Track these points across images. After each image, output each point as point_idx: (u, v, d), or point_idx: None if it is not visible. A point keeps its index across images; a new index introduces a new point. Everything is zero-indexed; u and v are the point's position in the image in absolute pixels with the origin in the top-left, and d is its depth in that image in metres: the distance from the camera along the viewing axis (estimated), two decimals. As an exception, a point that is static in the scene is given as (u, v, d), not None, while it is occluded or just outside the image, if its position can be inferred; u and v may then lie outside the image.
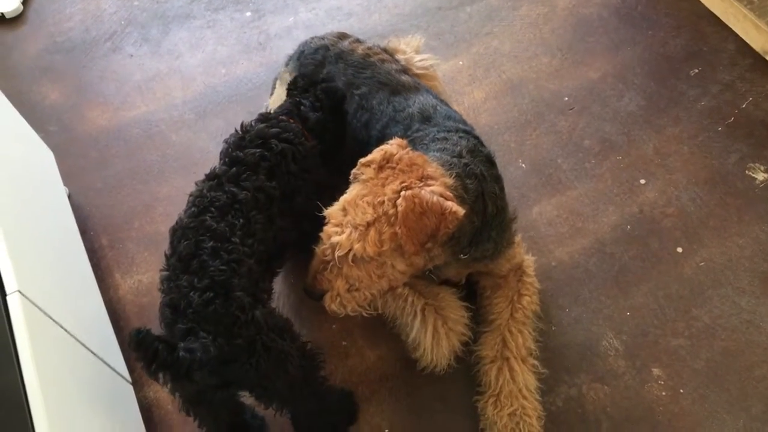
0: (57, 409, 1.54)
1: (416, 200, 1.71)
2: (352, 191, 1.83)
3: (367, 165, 1.84)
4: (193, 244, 1.73)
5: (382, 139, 2.25)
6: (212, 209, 1.81)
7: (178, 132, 2.96)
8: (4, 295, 1.62)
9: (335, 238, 1.77)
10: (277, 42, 3.27)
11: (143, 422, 2.13)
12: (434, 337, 2.14)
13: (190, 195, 1.91)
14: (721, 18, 3.23)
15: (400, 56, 2.61)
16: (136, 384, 2.26)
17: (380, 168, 1.81)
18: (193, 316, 1.61)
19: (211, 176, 1.94)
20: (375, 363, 2.32)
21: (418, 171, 1.79)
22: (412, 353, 2.21)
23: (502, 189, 2.09)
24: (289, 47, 2.76)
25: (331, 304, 1.90)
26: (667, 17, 3.28)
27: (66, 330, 1.82)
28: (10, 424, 1.45)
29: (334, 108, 2.27)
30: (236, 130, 2.07)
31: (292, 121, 2.14)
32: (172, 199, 2.72)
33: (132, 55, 3.25)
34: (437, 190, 1.75)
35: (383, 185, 1.78)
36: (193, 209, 1.83)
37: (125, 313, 2.46)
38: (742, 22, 3.13)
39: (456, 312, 2.22)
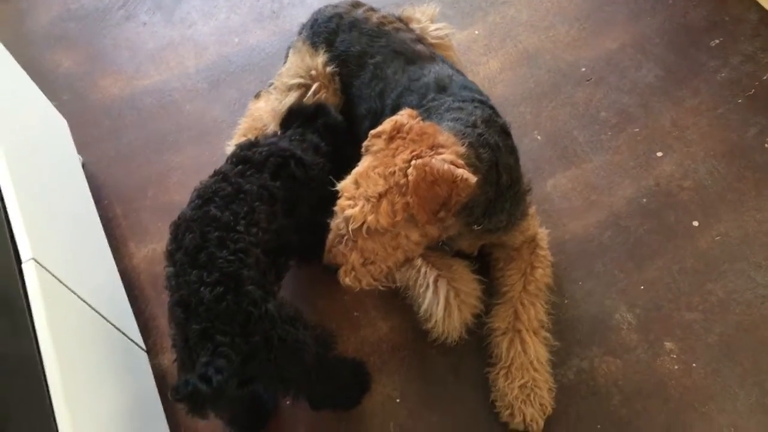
0: (72, 376, 1.56)
1: (427, 169, 1.69)
2: (364, 163, 1.81)
3: (378, 136, 1.82)
4: (198, 236, 1.72)
5: (396, 108, 2.23)
6: (216, 199, 1.81)
7: (192, 101, 2.95)
8: (20, 262, 1.63)
9: (348, 212, 1.76)
10: (290, 10, 3.23)
11: (157, 389, 2.16)
12: (446, 309, 2.14)
13: (194, 190, 1.90)
14: (744, -13, 3.16)
15: (414, 25, 2.57)
16: (151, 352, 2.29)
17: (390, 138, 1.79)
18: (206, 314, 1.60)
19: (217, 173, 1.94)
20: (387, 334, 2.32)
21: (428, 140, 1.77)
22: (424, 324, 2.21)
23: (516, 160, 2.07)
24: (303, 15, 2.74)
25: (346, 278, 1.88)
26: (688, -14, 3.21)
27: (81, 298, 1.83)
28: (27, 391, 1.47)
29: (336, 140, 2.29)
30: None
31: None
32: (185, 168, 2.72)
33: (145, 23, 3.23)
34: (448, 158, 1.73)
35: (393, 155, 1.76)
36: (197, 201, 1.83)
37: (139, 282, 2.48)
38: (765, -8, 3.06)
39: (469, 284, 2.22)
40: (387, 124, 1.82)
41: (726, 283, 2.36)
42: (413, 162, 1.71)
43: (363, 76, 2.36)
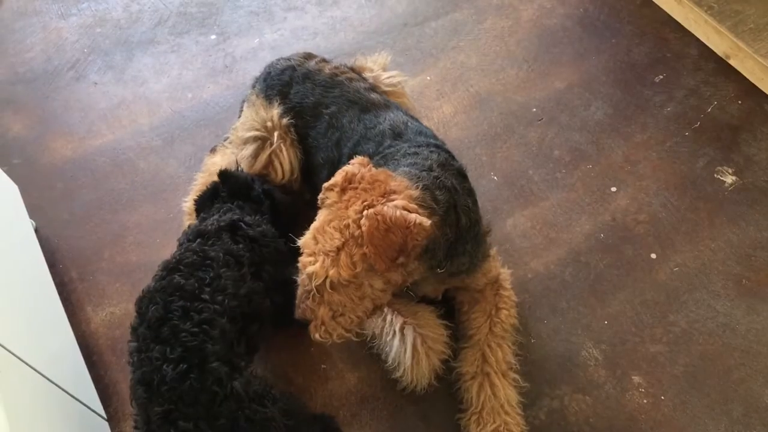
0: (28, 454, 1.50)
1: (379, 218, 1.68)
2: (320, 217, 1.81)
3: (331, 189, 1.82)
4: (161, 307, 1.68)
5: (352, 158, 2.24)
6: (181, 267, 1.77)
7: (146, 159, 2.91)
8: (-31, 337, 1.57)
9: (310, 268, 1.74)
10: (243, 64, 3.24)
11: (120, 459, 2.09)
12: (414, 356, 2.12)
13: (158, 266, 1.87)
14: (682, 24, 3.28)
15: (367, 74, 2.60)
16: (112, 419, 2.21)
17: (343, 190, 1.79)
18: (169, 394, 1.55)
19: (180, 245, 1.92)
20: (355, 385, 2.29)
21: (380, 187, 1.77)
22: (393, 373, 2.18)
23: (475, 202, 2.08)
24: (256, 69, 2.74)
25: (316, 334, 1.86)
26: (629, 25, 3.32)
27: (36, 369, 1.77)
28: (-21, 471, 1.40)
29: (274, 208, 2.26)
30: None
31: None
32: (141, 227, 2.67)
33: (96, 83, 3.20)
34: (400, 203, 1.73)
35: (347, 207, 1.75)
36: (161, 273, 1.80)
37: (98, 347, 2.40)
38: (703, 27, 3.18)
39: (435, 330, 2.21)
40: (338, 176, 1.82)
41: (687, 313, 2.39)
42: (365, 212, 1.71)
43: (319, 126, 2.37)
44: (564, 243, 2.59)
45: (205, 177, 2.61)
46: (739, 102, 2.99)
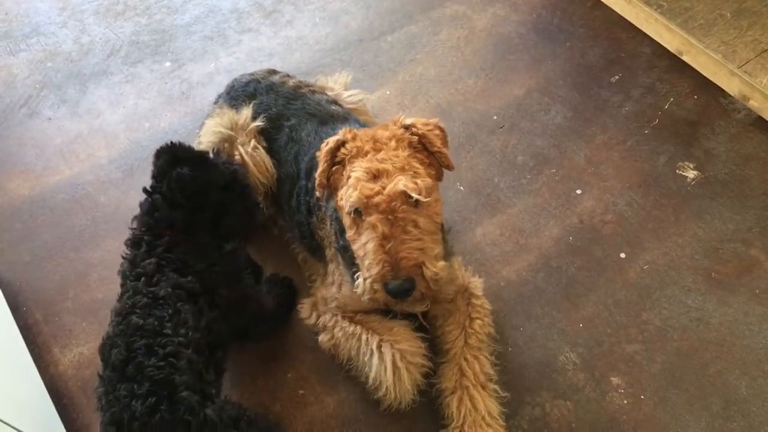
0: None
1: (420, 122, 1.87)
2: (360, 165, 1.80)
3: (342, 144, 1.90)
4: (124, 348, 1.63)
5: (310, 171, 2.23)
6: (137, 310, 1.72)
7: (106, 192, 2.86)
8: (-72, 394, 1.51)
9: (400, 184, 1.73)
10: (200, 90, 3.21)
11: (97, 504, 2.02)
12: (395, 372, 2.09)
13: (111, 310, 1.80)
14: (634, 23, 3.33)
15: (329, 93, 2.60)
16: (87, 464, 2.15)
17: (354, 138, 1.89)
18: (141, 429, 1.51)
19: (125, 290, 1.83)
20: (335, 409, 2.25)
21: (379, 126, 1.95)
22: (374, 393, 2.15)
23: None
24: (213, 94, 2.71)
25: (423, 286, 1.78)
26: (583, 28, 3.35)
27: (2, 421, 1.71)
28: None
29: (200, 194, 1.93)
30: (127, 239, 1.96)
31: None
32: (106, 263, 2.61)
33: (50, 119, 3.13)
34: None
35: (376, 142, 1.85)
36: (117, 319, 1.74)
37: (68, 390, 2.34)
38: (654, 26, 3.22)
39: (412, 343, 2.18)
40: (338, 137, 1.92)
41: (660, 310, 2.40)
42: (405, 122, 1.88)
43: (280, 139, 2.37)
44: (534, 248, 2.60)
45: None
46: (695, 97, 3.03)
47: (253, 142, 2.36)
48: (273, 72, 2.59)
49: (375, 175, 1.77)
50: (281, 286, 2.41)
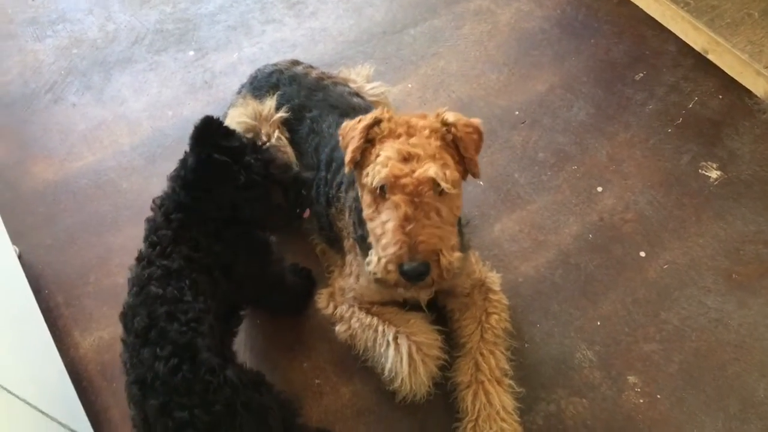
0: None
1: (462, 120, 1.85)
2: (390, 146, 1.80)
3: (377, 122, 1.88)
4: (146, 316, 1.66)
5: (329, 163, 2.24)
6: (154, 281, 1.74)
7: (129, 179, 2.88)
8: (-47, 372, 1.54)
9: (430, 171, 1.73)
10: (222, 79, 3.22)
11: (114, 486, 2.05)
12: (411, 364, 2.10)
13: (128, 279, 1.83)
14: (659, 21, 3.30)
15: (351, 85, 2.60)
16: (104, 446, 2.18)
17: (389, 120, 1.87)
18: (163, 388, 1.54)
19: (140, 258, 1.85)
20: (350, 399, 2.26)
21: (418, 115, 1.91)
22: (389, 385, 2.15)
23: None
24: (236, 83, 2.72)
25: (437, 272, 1.75)
26: (607, 24, 3.33)
27: (24, 401, 1.73)
28: None
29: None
30: (153, 203, 1.97)
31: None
32: (127, 248, 2.63)
33: (75, 105, 3.17)
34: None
35: (410, 127, 1.84)
36: (135, 289, 1.77)
37: (87, 373, 2.37)
38: (680, 24, 3.19)
39: (429, 336, 2.19)
40: (374, 114, 1.90)
41: (679, 310, 2.39)
42: (448, 119, 1.85)
43: (301, 130, 2.37)
44: (553, 245, 2.59)
45: None
46: (720, 97, 3.00)
47: (276, 132, 2.38)
48: (296, 63, 2.61)
49: (406, 158, 1.76)
50: (300, 276, 2.43)
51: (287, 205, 1.98)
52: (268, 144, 2.17)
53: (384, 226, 1.77)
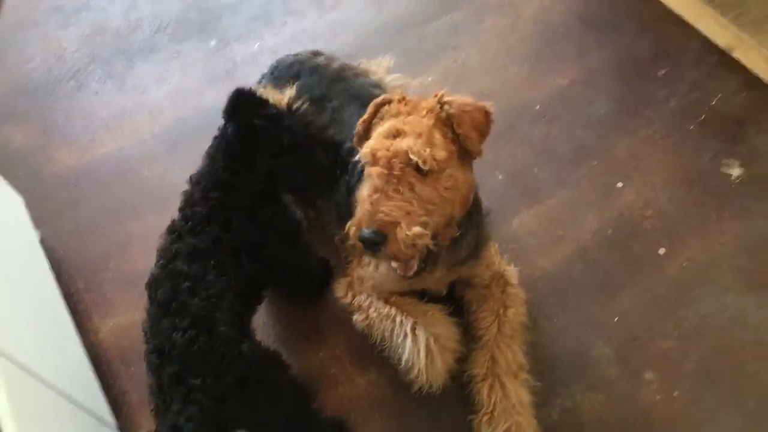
0: (40, 467, 1.49)
1: (459, 100, 1.81)
2: (387, 124, 1.81)
3: (387, 102, 1.90)
4: (169, 288, 1.70)
5: (350, 154, 2.23)
6: (180, 258, 1.78)
7: (150, 167, 2.91)
8: (-22, 351, 1.56)
9: (403, 143, 1.72)
10: (243, 69, 3.23)
11: (132, 468, 2.08)
12: (428, 355, 2.10)
13: (157, 249, 1.88)
14: (684, 17, 3.26)
15: (372, 77, 2.60)
16: (123, 429, 2.20)
17: (399, 101, 1.88)
18: (179, 357, 1.58)
19: (171, 230, 1.90)
20: (365, 389, 2.27)
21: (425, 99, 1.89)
22: (406, 376, 2.15)
23: (477, 188, 2.07)
24: (257, 73, 2.73)
25: (396, 247, 1.70)
26: (631, 20, 3.30)
27: (45, 382, 1.76)
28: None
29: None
30: (189, 178, 2.02)
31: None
32: (147, 235, 2.65)
33: (97, 93, 3.19)
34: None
35: (414, 107, 1.83)
36: (162, 261, 1.81)
37: (107, 357, 2.40)
38: (704, 20, 3.16)
39: (447, 328, 2.19)
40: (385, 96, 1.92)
41: (698, 308, 2.37)
42: (446, 98, 1.82)
43: (322, 120, 2.37)
44: (571, 240, 2.58)
45: None
46: (743, 94, 2.96)
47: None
48: (317, 53, 2.60)
49: (394, 134, 1.77)
50: (318, 266, 2.44)
51: (330, 166, 2.03)
52: (302, 107, 2.17)
53: (360, 195, 1.81)
